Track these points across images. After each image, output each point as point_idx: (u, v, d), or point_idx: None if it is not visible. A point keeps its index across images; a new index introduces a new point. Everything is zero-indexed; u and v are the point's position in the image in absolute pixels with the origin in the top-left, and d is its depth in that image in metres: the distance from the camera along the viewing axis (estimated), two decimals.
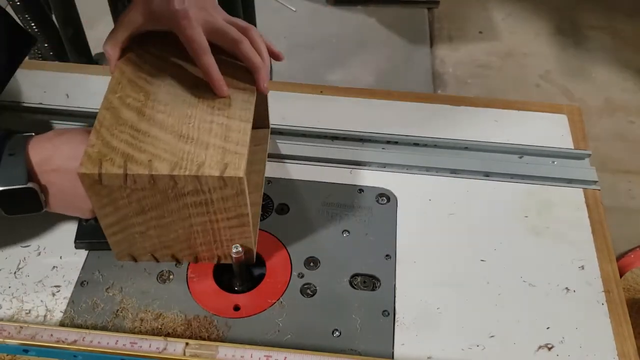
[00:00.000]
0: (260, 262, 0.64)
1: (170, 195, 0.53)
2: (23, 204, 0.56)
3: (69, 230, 0.65)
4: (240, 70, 0.60)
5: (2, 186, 0.54)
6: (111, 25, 0.63)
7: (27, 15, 1.18)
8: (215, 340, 0.57)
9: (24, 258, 0.63)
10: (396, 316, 0.60)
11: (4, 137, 0.57)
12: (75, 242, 0.64)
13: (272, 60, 0.64)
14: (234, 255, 0.59)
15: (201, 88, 0.58)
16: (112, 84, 0.58)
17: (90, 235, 0.63)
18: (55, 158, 0.56)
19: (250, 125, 0.55)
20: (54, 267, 0.63)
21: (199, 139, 0.53)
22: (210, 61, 0.57)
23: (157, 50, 0.62)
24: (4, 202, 0.56)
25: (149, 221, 0.56)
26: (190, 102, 0.57)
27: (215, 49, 0.58)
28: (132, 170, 0.51)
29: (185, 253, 0.60)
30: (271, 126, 0.75)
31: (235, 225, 0.56)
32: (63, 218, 0.65)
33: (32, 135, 0.58)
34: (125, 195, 0.53)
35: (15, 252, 0.64)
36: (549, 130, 0.78)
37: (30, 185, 0.55)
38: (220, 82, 0.57)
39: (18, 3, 1.15)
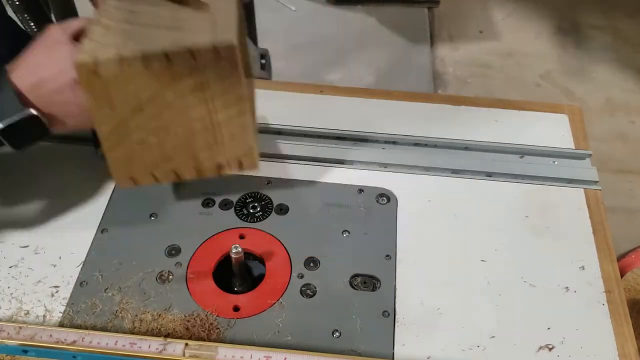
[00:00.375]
0: (260, 262, 0.64)
1: (165, 80, 0.53)
2: (29, 134, 0.55)
3: (68, 230, 0.65)
4: None
5: (2, 123, 0.53)
6: None
7: (26, 15, 1.18)
8: (214, 340, 0.57)
9: (23, 258, 0.63)
10: (396, 316, 0.60)
11: None
12: (97, 150, 0.62)
13: (273, 61, 0.64)
14: (233, 256, 0.59)
15: (183, 11, 0.57)
16: (97, 12, 0.58)
17: None
18: (51, 78, 0.55)
19: (235, 9, 0.56)
20: (53, 267, 0.63)
21: (187, 27, 0.54)
22: None
23: None
24: (9, 138, 0.54)
25: (148, 123, 0.55)
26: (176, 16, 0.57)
27: None
28: (126, 53, 0.51)
29: (187, 165, 0.59)
30: (272, 126, 0.74)
31: (235, 115, 0.56)
32: (61, 219, 0.65)
33: (4, 67, 0.56)
34: (122, 88, 0.52)
35: (14, 252, 0.64)
36: (550, 130, 0.78)
37: (30, 112, 0.54)
38: None
39: (17, 3, 1.14)
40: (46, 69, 0.55)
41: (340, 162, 0.73)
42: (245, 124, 0.57)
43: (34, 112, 0.54)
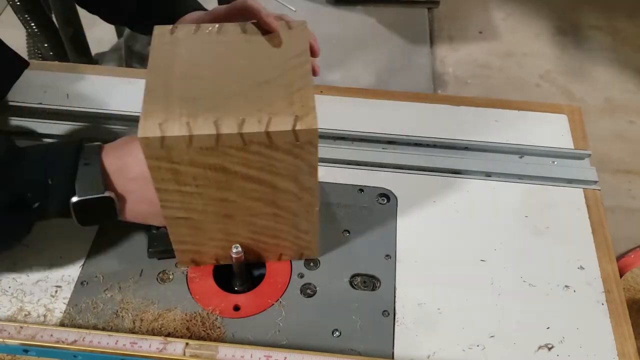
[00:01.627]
0: (260, 262, 0.64)
1: (235, 160, 0.50)
2: (98, 213, 0.56)
3: (69, 229, 0.65)
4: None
5: (79, 196, 0.54)
6: (111, 26, 0.63)
7: (27, 16, 1.18)
8: (215, 340, 0.57)
9: (24, 258, 0.63)
10: (396, 316, 0.60)
11: (77, 147, 0.56)
12: (148, 251, 0.63)
13: None
14: (234, 256, 0.59)
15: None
16: (151, 67, 0.54)
17: (162, 243, 0.61)
18: (131, 166, 0.55)
19: (310, 81, 0.53)
20: (53, 267, 0.63)
21: (264, 100, 0.50)
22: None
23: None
24: (80, 212, 0.55)
25: (213, 198, 0.53)
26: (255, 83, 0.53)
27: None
28: (196, 130, 0.47)
29: (252, 255, 0.61)
30: None
31: (299, 199, 0.55)
32: (62, 219, 0.65)
33: (100, 144, 0.57)
34: (189, 163, 0.50)
35: (15, 252, 0.64)
36: (549, 130, 0.78)
37: (107, 194, 0.54)
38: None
39: (18, 3, 1.15)
40: (130, 155, 0.56)
41: (340, 162, 0.73)
42: (310, 209, 0.58)
43: (111, 194, 0.55)
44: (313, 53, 0.63)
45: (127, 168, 0.55)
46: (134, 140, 0.57)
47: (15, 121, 0.77)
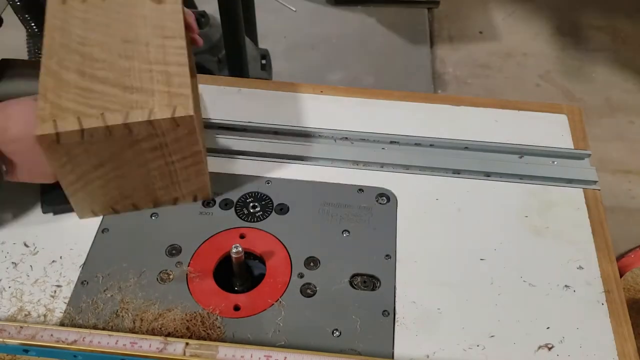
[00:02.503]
0: (261, 261, 0.64)
1: (125, 144, 0.55)
2: None
3: (69, 229, 0.65)
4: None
5: None
6: None
7: (27, 16, 1.18)
8: (215, 340, 0.57)
9: (24, 258, 0.63)
10: (396, 316, 0.60)
11: None
12: (42, 207, 0.65)
13: (273, 61, 0.65)
14: (234, 255, 0.59)
15: (132, 42, 0.59)
16: (46, 51, 0.58)
17: (56, 200, 0.64)
18: (11, 128, 0.56)
19: (187, 69, 0.57)
20: (53, 266, 0.63)
21: (143, 88, 0.56)
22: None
23: (82, 11, 0.62)
24: None
25: (108, 173, 0.58)
26: (126, 55, 0.58)
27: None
28: (87, 125, 0.53)
29: (146, 200, 0.63)
30: (272, 126, 0.75)
31: (191, 164, 0.60)
32: (62, 218, 0.65)
33: None
34: (83, 151, 0.55)
35: (14, 252, 0.64)
36: (549, 130, 0.78)
37: None
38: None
39: (18, 3, 1.14)
40: (9, 117, 0.56)
41: (340, 162, 0.73)
42: (199, 169, 0.61)
43: None
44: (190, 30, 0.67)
45: (6, 130, 0.56)
46: (14, 103, 0.58)
47: None
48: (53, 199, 0.64)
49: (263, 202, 0.68)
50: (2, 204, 0.67)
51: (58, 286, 0.61)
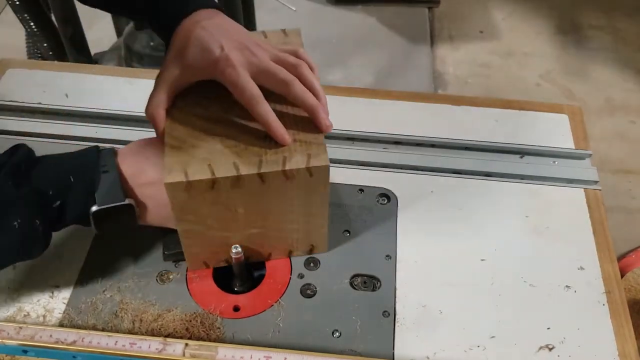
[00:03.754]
0: (261, 262, 0.64)
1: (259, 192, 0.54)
2: (118, 220, 0.55)
3: (69, 229, 0.65)
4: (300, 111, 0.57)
5: (100, 205, 0.53)
6: (111, 25, 0.63)
7: (26, 15, 1.18)
8: (214, 340, 0.57)
9: None
10: (396, 317, 0.59)
11: (95, 152, 0.55)
12: (164, 254, 0.62)
13: None
14: (233, 256, 0.58)
15: (262, 139, 0.55)
16: (168, 136, 0.55)
17: (177, 246, 0.60)
18: (148, 170, 0.55)
19: (324, 145, 0.55)
20: (53, 267, 0.63)
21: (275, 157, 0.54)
22: (265, 109, 0.53)
23: (204, 102, 0.58)
24: (99, 221, 0.54)
25: (227, 224, 0.57)
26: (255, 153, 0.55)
27: (267, 91, 0.54)
28: (219, 173, 0.51)
29: (261, 254, 0.62)
30: None
31: (314, 221, 0.59)
32: None
33: (114, 149, 0.56)
34: (210, 201, 0.53)
35: None
36: (550, 130, 0.78)
37: (127, 201, 0.53)
38: (280, 131, 0.53)
39: (17, 3, 1.14)
40: (147, 160, 0.55)
41: (340, 162, 0.73)
42: (321, 225, 0.60)
43: (131, 201, 0.54)
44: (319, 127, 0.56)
45: (144, 173, 0.55)
46: (148, 144, 0.57)
47: (15, 121, 0.76)
48: (176, 243, 0.60)
49: None
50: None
51: (57, 287, 0.61)
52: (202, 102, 0.58)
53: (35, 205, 0.52)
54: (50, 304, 0.60)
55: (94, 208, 0.53)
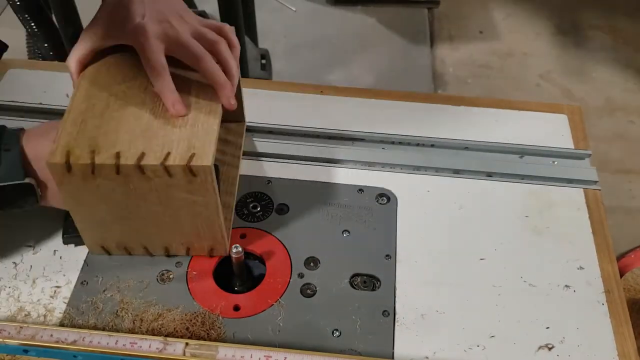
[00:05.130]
0: (261, 262, 0.64)
1: (137, 185, 0.54)
2: (18, 199, 0.56)
3: None
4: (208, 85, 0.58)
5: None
6: None
7: (27, 15, 1.18)
8: (215, 340, 0.57)
9: (23, 258, 0.63)
10: (396, 316, 0.60)
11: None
12: (63, 237, 0.64)
13: (273, 61, 0.63)
14: (234, 255, 0.59)
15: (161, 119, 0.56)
16: (75, 102, 0.57)
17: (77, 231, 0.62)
18: (47, 153, 0.55)
19: (215, 128, 0.55)
20: (53, 267, 0.63)
21: (165, 136, 0.54)
22: (163, 83, 0.55)
23: (120, 64, 0.60)
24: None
25: (118, 212, 0.57)
26: (154, 114, 0.56)
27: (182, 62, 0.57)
28: (99, 160, 0.52)
29: (158, 246, 0.62)
30: (272, 126, 0.75)
31: (204, 217, 0.57)
32: (61, 217, 0.65)
33: (23, 129, 0.57)
34: (94, 186, 0.54)
35: (14, 252, 0.64)
36: (550, 130, 0.78)
37: (27, 180, 0.54)
38: (173, 103, 0.55)
39: (18, 3, 1.14)
40: (51, 142, 0.55)
41: (340, 162, 0.73)
42: (214, 224, 0.58)
43: (31, 180, 0.55)
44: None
45: (47, 154, 0.55)
46: (56, 127, 0.57)
47: (16, 121, 0.76)
48: (74, 229, 0.61)
49: (263, 202, 0.68)
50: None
51: (58, 286, 0.61)
52: (124, 66, 0.59)
53: None
54: (51, 304, 0.60)
55: None
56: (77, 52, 0.59)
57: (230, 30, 0.61)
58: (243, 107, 0.72)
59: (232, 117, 0.71)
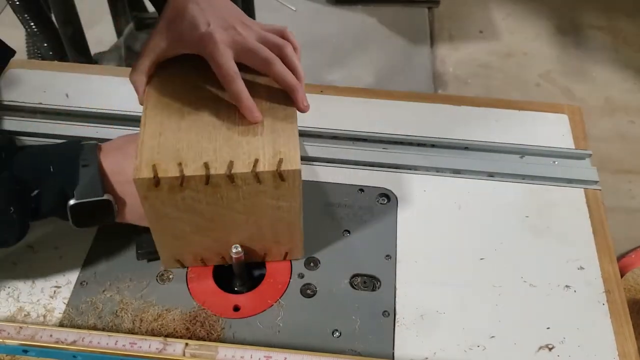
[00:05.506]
0: (261, 262, 0.64)
1: (224, 194, 0.53)
2: (96, 215, 0.55)
3: (69, 229, 0.65)
4: (278, 89, 0.58)
5: (77, 199, 0.53)
6: (111, 25, 0.63)
7: (26, 15, 1.18)
8: (215, 340, 0.57)
9: (23, 258, 0.63)
10: (396, 316, 0.60)
11: (76, 146, 0.55)
12: (137, 252, 0.62)
13: None
14: (233, 256, 0.58)
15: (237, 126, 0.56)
16: (148, 115, 0.56)
17: (150, 245, 0.60)
18: (128, 167, 0.54)
19: (296, 133, 0.55)
20: (53, 267, 0.63)
21: (249, 144, 0.54)
22: (238, 88, 0.54)
23: (186, 74, 0.59)
24: (77, 215, 0.54)
25: (198, 223, 0.56)
26: (231, 122, 0.56)
27: (250, 69, 0.56)
28: (188, 172, 0.51)
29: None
30: None
31: (286, 225, 0.58)
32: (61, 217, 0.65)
33: (97, 144, 0.57)
34: (179, 199, 0.53)
35: (14, 252, 0.64)
36: (550, 130, 0.78)
37: (106, 197, 0.54)
38: (250, 109, 0.54)
39: (17, 3, 1.14)
40: (128, 156, 0.55)
41: (340, 162, 0.73)
42: (295, 228, 0.59)
43: (109, 197, 0.54)
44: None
45: (124, 170, 0.55)
46: (131, 140, 0.57)
47: (15, 121, 0.76)
48: (149, 243, 0.60)
49: None
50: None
51: (57, 287, 0.61)
52: (190, 76, 0.59)
53: (11, 192, 0.52)
54: (51, 304, 0.60)
55: (72, 202, 0.53)
56: (142, 66, 0.58)
57: (291, 33, 0.61)
58: None
59: None
